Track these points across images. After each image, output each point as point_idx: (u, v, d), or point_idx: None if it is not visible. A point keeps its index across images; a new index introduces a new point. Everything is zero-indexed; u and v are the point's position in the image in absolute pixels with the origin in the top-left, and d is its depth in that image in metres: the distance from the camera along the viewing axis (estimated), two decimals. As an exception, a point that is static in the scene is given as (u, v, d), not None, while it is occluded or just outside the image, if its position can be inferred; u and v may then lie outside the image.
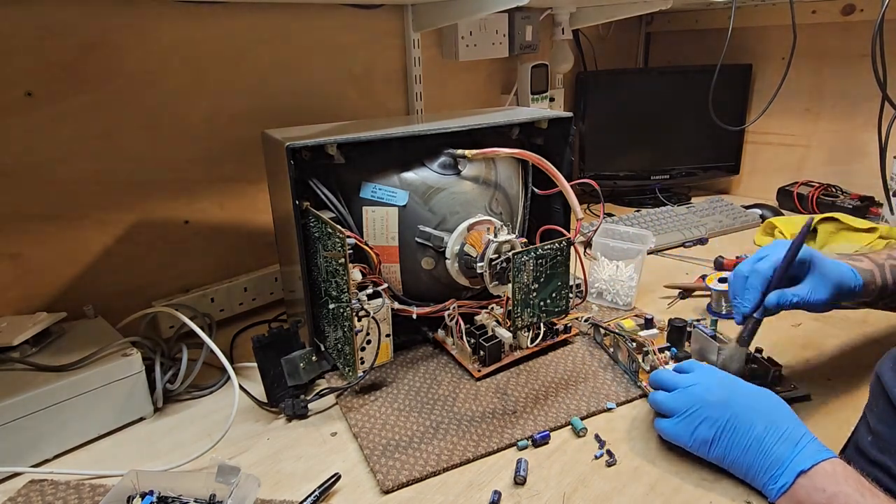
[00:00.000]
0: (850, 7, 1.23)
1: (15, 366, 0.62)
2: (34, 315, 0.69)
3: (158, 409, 0.69)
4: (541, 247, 0.66)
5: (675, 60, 1.59)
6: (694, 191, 1.52)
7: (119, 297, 0.82)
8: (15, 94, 0.70)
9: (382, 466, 0.57)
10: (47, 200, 0.75)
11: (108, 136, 0.78)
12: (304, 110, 0.97)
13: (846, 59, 1.28)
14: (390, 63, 1.08)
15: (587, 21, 1.32)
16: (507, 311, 0.71)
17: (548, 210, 0.85)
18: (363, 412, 0.66)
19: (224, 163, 0.89)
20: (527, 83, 1.28)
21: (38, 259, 0.75)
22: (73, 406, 0.61)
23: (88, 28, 0.74)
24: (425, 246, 0.72)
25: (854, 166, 1.31)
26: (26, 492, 0.56)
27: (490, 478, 0.56)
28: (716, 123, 1.15)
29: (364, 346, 0.65)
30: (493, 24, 1.16)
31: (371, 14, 1.02)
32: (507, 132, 0.81)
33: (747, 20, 1.36)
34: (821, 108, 1.35)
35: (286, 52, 0.93)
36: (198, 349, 0.72)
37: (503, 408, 0.66)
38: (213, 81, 0.86)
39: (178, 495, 0.51)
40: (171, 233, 0.86)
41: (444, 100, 1.19)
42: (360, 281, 0.64)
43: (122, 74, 0.77)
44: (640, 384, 0.68)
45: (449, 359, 0.76)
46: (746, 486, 0.53)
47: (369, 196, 0.71)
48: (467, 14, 0.94)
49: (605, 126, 1.43)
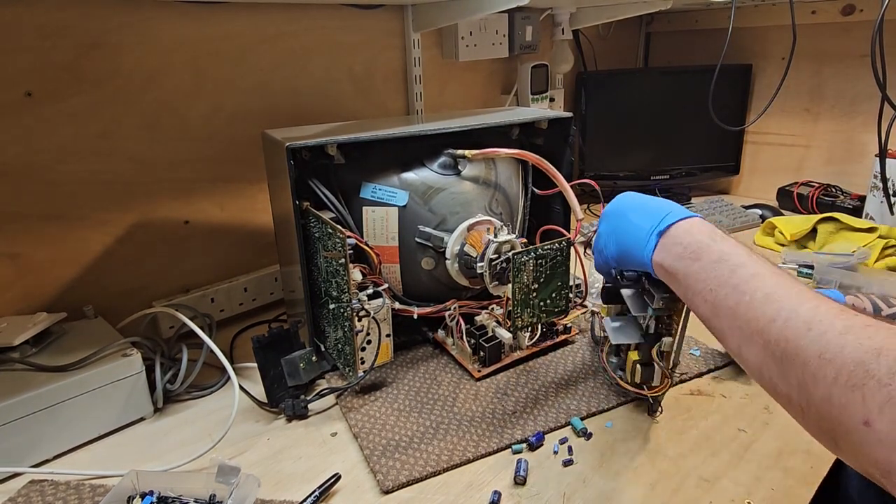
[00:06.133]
0: (850, 7, 1.23)
1: (15, 366, 0.62)
2: (34, 315, 0.69)
3: (158, 409, 0.69)
4: (541, 247, 0.66)
5: (675, 60, 1.59)
6: (694, 191, 1.52)
7: (119, 297, 0.82)
8: (15, 94, 0.70)
9: (382, 467, 0.57)
10: (47, 200, 0.75)
11: (108, 136, 0.78)
12: (304, 110, 0.97)
13: (846, 59, 1.28)
14: (390, 63, 1.08)
15: (587, 21, 1.32)
16: (507, 311, 0.71)
17: (548, 210, 0.85)
18: (363, 412, 0.66)
19: (224, 163, 0.89)
20: (527, 83, 1.28)
21: (38, 259, 0.75)
22: (73, 406, 0.61)
23: (88, 28, 0.74)
24: (425, 246, 0.72)
25: (854, 166, 1.31)
26: (26, 492, 0.56)
27: (490, 478, 0.56)
28: (716, 123, 1.15)
29: (364, 347, 0.65)
30: (493, 25, 1.16)
31: (371, 14, 1.02)
32: (507, 132, 0.81)
33: (747, 20, 1.36)
34: (820, 109, 1.35)
35: (286, 52, 0.93)
36: (198, 349, 0.72)
37: (503, 408, 0.66)
38: (213, 81, 0.86)
39: (178, 495, 0.52)
40: (171, 233, 0.86)
41: (444, 100, 1.19)
42: (360, 281, 0.64)
43: (122, 74, 0.77)
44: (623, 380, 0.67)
45: (449, 359, 0.76)
46: (746, 486, 0.53)
47: (369, 196, 0.71)
48: (467, 14, 0.94)
49: (605, 126, 1.43)
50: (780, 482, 0.54)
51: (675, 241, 0.49)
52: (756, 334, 0.39)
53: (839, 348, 0.33)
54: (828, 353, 0.34)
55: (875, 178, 1.08)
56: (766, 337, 0.38)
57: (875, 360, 0.32)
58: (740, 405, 0.66)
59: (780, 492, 0.53)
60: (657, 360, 0.61)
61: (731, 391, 0.68)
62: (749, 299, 0.41)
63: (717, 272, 0.44)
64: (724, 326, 0.43)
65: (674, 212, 0.52)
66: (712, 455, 0.58)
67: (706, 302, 0.45)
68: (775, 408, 0.60)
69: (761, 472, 0.56)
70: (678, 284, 0.49)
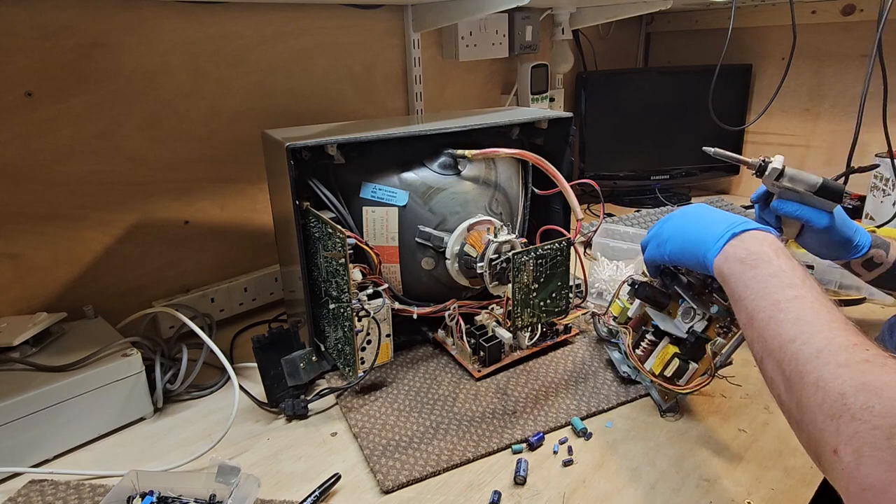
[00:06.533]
0: (850, 7, 1.23)
1: (15, 366, 0.62)
2: (34, 315, 0.69)
3: (158, 409, 0.69)
4: (541, 247, 0.66)
5: (675, 60, 1.59)
6: (694, 191, 1.53)
7: (119, 297, 0.82)
8: (15, 94, 0.70)
9: (382, 467, 0.57)
10: (47, 200, 0.75)
11: (108, 136, 0.78)
12: (304, 110, 0.97)
13: (846, 59, 1.28)
14: (390, 63, 1.08)
15: (587, 21, 1.32)
16: (507, 311, 0.71)
17: (548, 210, 0.85)
18: (363, 412, 0.66)
19: (224, 163, 0.89)
20: (527, 83, 1.28)
21: (38, 259, 0.75)
22: (73, 406, 0.61)
23: (88, 28, 0.74)
24: (425, 246, 0.72)
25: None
26: (26, 492, 0.56)
27: (490, 478, 0.56)
28: (716, 123, 1.15)
29: (364, 347, 0.65)
30: (493, 24, 1.16)
31: (371, 14, 1.02)
32: (507, 132, 0.81)
33: (747, 20, 1.36)
34: (821, 108, 1.35)
35: (286, 52, 0.93)
36: (198, 349, 0.72)
37: (503, 408, 0.66)
38: (213, 81, 0.86)
39: (178, 495, 0.51)
40: (171, 233, 0.86)
41: (443, 100, 1.19)
42: (360, 281, 0.64)
43: (122, 74, 0.77)
44: (638, 377, 0.68)
45: (449, 359, 0.76)
46: (746, 486, 0.53)
47: (369, 196, 0.71)
48: (467, 14, 0.94)
49: (605, 126, 1.43)
50: (780, 482, 0.54)
51: (744, 246, 0.51)
52: (776, 350, 0.42)
53: (833, 378, 0.36)
54: (822, 381, 0.36)
55: (875, 178, 1.08)
56: (782, 355, 0.41)
57: (854, 394, 0.34)
58: (740, 405, 0.66)
59: (780, 492, 0.53)
60: (710, 358, 0.61)
61: (731, 391, 0.68)
62: (782, 318, 0.43)
63: (766, 284, 0.46)
64: (754, 336, 0.45)
65: (750, 222, 0.54)
66: (712, 455, 0.58)
67: (746, 310, 0.47)
68: (775, 408, 0.60)
69: (761, 472, 0.56)
70: (729, 288, 0.51)
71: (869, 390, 0.33)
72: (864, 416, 0.33)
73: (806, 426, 0.37)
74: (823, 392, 0.36)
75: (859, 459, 0.32)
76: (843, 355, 0.37)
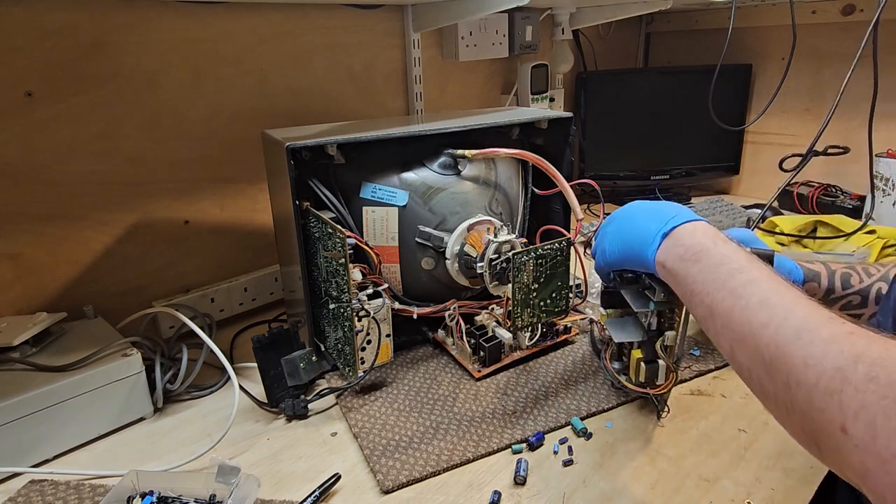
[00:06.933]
0: (850, 7, 1.23)
1: (15, 366, 0.62)
2: (34, 315, 0.69)
3: (158, 409, 0.69)
4: (541, 247, 0.66)
5: (675, 60, 1.59)
6: (694, 191, 1.52)
7: (119, 297, 0.82)
8: (15, 94, 0.70)
9: (382, 467, 0.57)
10: (47, 200, 0.75)
11: (108, 136, 0.78)
12: (304, 110, 0.97)
13: (846, 59, 1.27)
14: (390, 63, 1.08)
15: (587, 21, 1.32)
16: (507, 311, 0.71)
17: (548, 210, 0.85)
18: (363, 412, 0.66)
19: (224, 163, 0.89)
20: (527, 83, 1.28)
21: (38, 259, 0.75)
22: (73, 406, 0.61)
23: (88, 28, 0.74)
24: (425, 246, 0.72)
25: (854, 166, 1.31)
26: (26, 492, 0.56)
27: (490, 478, 0.56)
28: (716, 123, 1.15)
29: (364, 347, 0.65)
30: (493, 24, 1.16)
31: (371, 14, 1.02)
32: (507, 132, 0.81)
33: (747, 20, 1.36)
34: (821, 108, 1.35)
35: (286, 52, 0.93)
36: (198, 349, 0.72)
37: (503, 408, 0.66)
38: (213, 81, 0.86)
39: (178, 495, 0.51)
40: (171, 233, 0.86)
41: (444, 100, 1.19)
42: (360, 281, 0.64)
43: (122, 74, 0.77)
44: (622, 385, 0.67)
45: (449, 359, 0.76)
46: (746, 486, 0.53)
47: (369, 196, 0.71)
48: (467, 14, 0.94)
49: (605, 126, 1.43)
50: (780, 482, 0.54)
51: (679, 243, 0.50)
52: (748, 337, 0.40)
53: (822, 355, 0.34)
54: (811, 360, 0.35)
55: (876, 178, 1.08)
56: (758, 341, 0.39)
57: (852, 366, 0.32)
58: (740, 405, 0.66)
59: (780, 492, 0.53)
60: (661, 355, 0.61)
61: (731, 391, 0.68)
62: (745, 304, 0.41)
63: (715, 275, 0.45)
64: (718, 328, 0.44)
65: (680, 214, 0.53)
66: (712, 455, 0.58)
67: (703, 304, 0.45)
68: (775, 408, 0.60)
69: (761, 472, 0.56)
70: (678, 285, 0.50)
71: (867, 361, 0.32)
72: (871, 387, 0.31)
73: (799, 409, 0.35)
74: (816, 370, 0.34)
75: (875, 432, 0.30)
76: (824, 331, 0.36)
